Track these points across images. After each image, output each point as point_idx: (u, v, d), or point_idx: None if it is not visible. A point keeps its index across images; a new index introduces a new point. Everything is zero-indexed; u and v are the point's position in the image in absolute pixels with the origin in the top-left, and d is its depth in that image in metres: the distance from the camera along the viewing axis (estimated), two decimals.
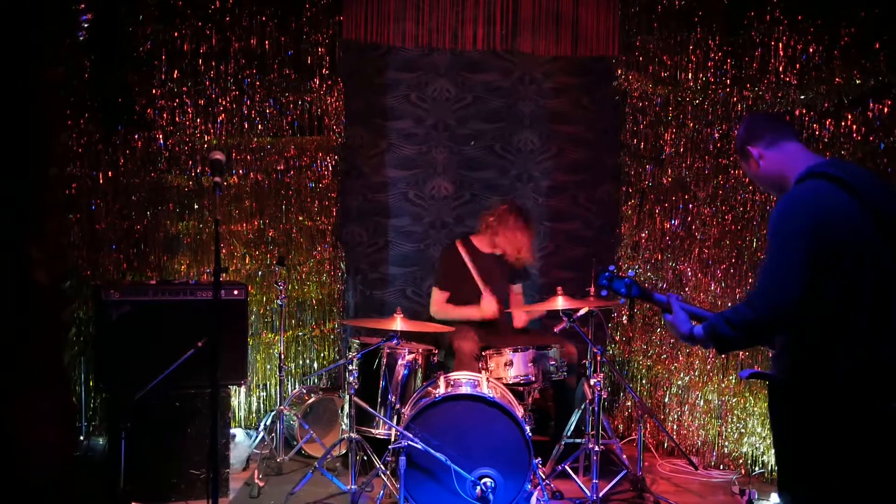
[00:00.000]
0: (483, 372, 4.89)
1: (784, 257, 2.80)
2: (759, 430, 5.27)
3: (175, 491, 4.59)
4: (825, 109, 5.00)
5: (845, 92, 4.89)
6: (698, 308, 3.17)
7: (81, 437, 4.98)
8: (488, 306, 5.43)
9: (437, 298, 5.58)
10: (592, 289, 5.11)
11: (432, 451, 4.31)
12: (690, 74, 5.64)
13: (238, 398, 5.77)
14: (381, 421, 4.85)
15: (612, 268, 3.35)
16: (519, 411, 4.62)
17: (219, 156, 3.78)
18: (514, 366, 4.96)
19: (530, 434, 4.48)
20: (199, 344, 4.12)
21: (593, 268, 5.10)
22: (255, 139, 5.80)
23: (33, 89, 4.20)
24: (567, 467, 4.85)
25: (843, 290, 2.76)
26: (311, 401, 5.37)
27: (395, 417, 4.86)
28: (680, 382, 5.73)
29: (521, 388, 5.00)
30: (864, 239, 2.78)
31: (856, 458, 2.78)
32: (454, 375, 4.81)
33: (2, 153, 4.09)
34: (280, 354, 5.40)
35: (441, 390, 4.59)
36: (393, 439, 4.64)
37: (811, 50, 5.06)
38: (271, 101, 5.81)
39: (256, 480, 4.82)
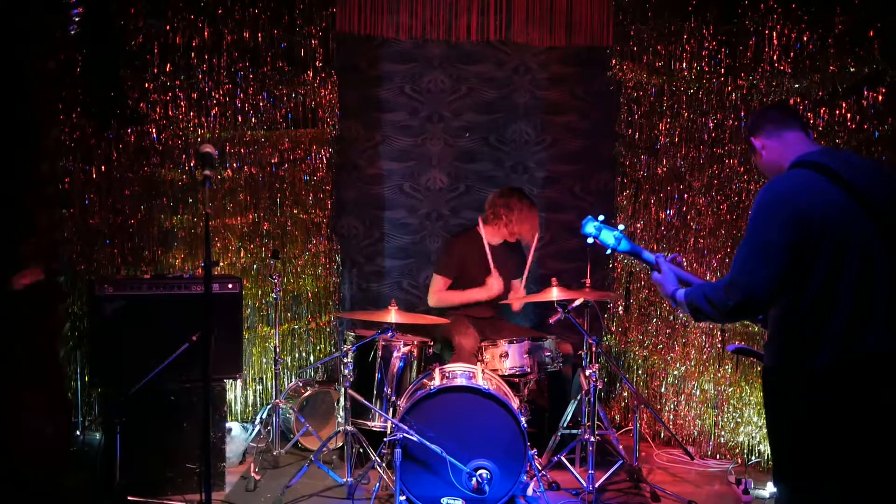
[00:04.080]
0: (479, 364, 4.89)
1: (758, 247, 2.82)
2: (755, 419, 5.27)
3: (171, 485, 4.59)
4: (819, 98, 4.98)
5: (839, 80, 4.87)
6: (688, 273, 3.17)
7: (77, 432, 4.97)
8: (495, 284, 5.43)
9: (439, 286, 5.56)
10: (588, 280, 5.11)
11: (428, 443, 4.31)
12: (685, 64, 5.63)
13: (234, 392, 5.76)
14: (377, 413, 4.85)
15: (602, 216, 3.24)
16: (514, 403, 4.62)
17: (209, 149, 3.78)
18: (509, 357, 4.95)
19: (526, 425, 4.48)
20: (194, 338, 4.11)
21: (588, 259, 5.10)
22: (249, 132, 5.77)
23: (24, 85, 4.19)
24: (563, 458, 4.85)
25: (827, 278, 2.76)
26: (307, 394, 5.37)
27: (391, 410, 4.86)
28: (676, 372, 5.73)
29: (516, 380, 4.99)
30: (849, 228, 2.77)
31: (842, 443, 2.79)
32: (449, 367, 4.80)
33: None
34: (276, 348, 5.39)
35: (436, 382, 4.59)
36: (388, 431, 4.63)
37: (805, 38, 5.04)
38: (265, 94, 5.77)
39: (253, 474, 4.82)
